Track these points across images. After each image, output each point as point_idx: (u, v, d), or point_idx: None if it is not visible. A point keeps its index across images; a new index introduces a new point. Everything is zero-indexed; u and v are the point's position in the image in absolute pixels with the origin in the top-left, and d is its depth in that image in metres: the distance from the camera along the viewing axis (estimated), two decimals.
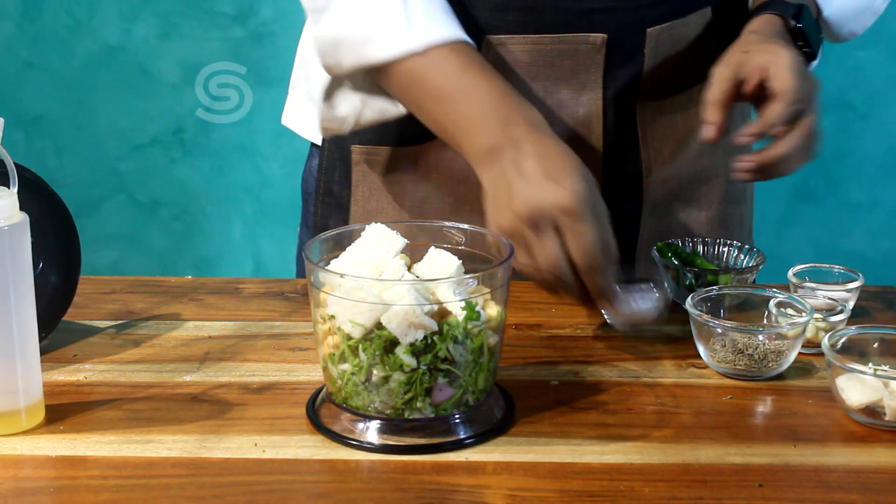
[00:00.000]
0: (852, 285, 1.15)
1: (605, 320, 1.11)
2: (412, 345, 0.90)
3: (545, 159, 1.04)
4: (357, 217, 1.29)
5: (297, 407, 0.98)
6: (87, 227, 1.42)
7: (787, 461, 0.91)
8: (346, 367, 0.93)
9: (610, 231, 1.04)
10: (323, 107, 1.22)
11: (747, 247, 1.22)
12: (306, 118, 1.34)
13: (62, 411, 0.97)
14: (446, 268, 0.95)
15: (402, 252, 0.96)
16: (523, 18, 1.17)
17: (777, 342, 1.04)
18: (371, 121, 1.21)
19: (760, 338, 1.04)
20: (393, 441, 0.92)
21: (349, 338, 0.91)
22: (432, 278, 0.94)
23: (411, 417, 0.93)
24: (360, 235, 0.97)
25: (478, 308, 0.92)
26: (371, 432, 0.93)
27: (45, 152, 2.58)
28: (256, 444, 0.93)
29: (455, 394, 0.93)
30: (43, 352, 1.00)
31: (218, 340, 1.12)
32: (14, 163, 0.93)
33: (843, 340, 1.01)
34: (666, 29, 1.21)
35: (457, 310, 0.91)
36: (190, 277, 1.27)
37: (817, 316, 1.08)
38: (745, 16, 1.22)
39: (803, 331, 1.04)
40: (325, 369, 0.96)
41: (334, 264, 0.96)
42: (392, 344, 0.90)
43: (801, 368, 1.06)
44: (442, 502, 0.85)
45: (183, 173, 2.60)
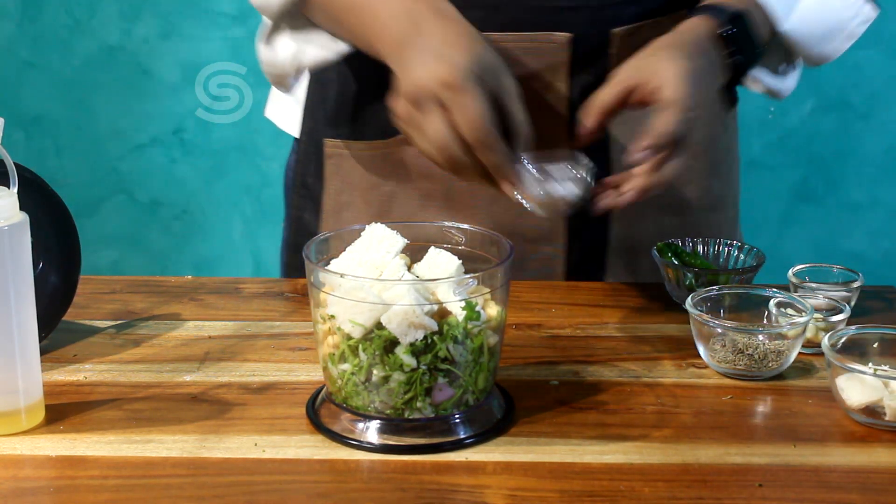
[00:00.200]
0: (852, 285, 1.15)
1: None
2: (412, 345, 0.90)
3: (441, 40, 1.03)
4: (329, 211, 1.30)
5: (297, 407, 0.98)
6: (87, 227, 1.42)
7: (787, 461, 0.91)
8: (346, 367, 0.93)
9: (516, 106, 1.02)
10: (263, 51, 1.25)
11: (747, 247, 1.22)
12: (287, 111, 1.36)
13: (62, 411, 0.97)
14: (446, 268, 0.95)
15: (402, 252, 0.96)
16: (487, 15, 1.16)
17: (777, 342, 1.04)
18: (311, 63, 1.23)
19: (760, 338, 1.04)
20: (393, 441, 0.92)
21: (349, 338, 0.91)
22: (432, 278, 0.94)
23: (411, 417, 0.93)
24: (360, 235, 0.97)
25: (478, 308, 0.92)
26: (371, 432, 0.93)
27: (45, 152, 2.58)
28: (256, 444, 0.93)
29: (455, 394, 0.93)
30: (43, 352, 1.00)
31: (218, 340, 1.12)
32: (14, 163, 0.93)
33: (843, 340, 1.01)
34: (633, 30, 1.19)
35: (457, 310, 0.91)
36: (190, 277, 1.27)
37: (817, 316, 1.08)
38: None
39: (803, 331, 1.04)
40: (325, 369, 0.96)
41: (334, 264, 0.96)
42: (392, 344, 0.90)
43: (801, 368, 1.06)
44: (442, 502, 0.85)
45: (183, 173, 2.60)
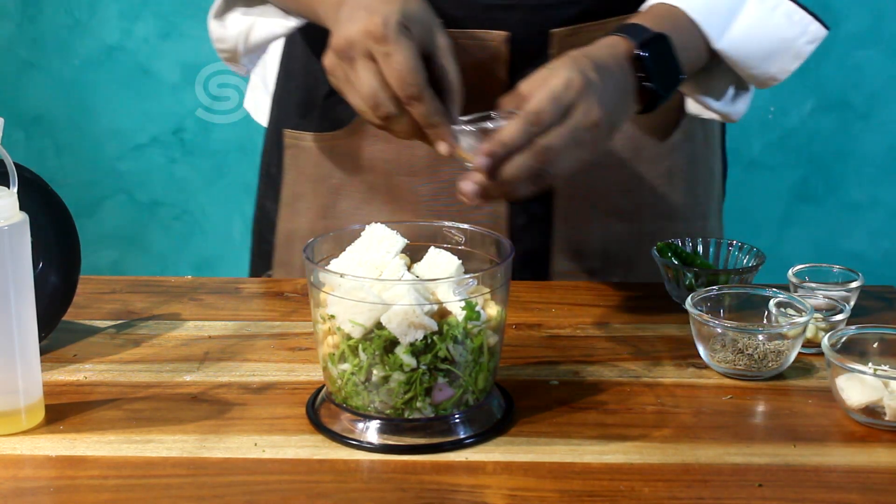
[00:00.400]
0: (852, 285, 1.15)
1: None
2: (412, 345, 0.90)
3: None
4: (286, 200, 1.32)
5: (297, 407, 0.98)
6: (87, 227, 1.42)
7: (787, 461, 0.91)
8: (346, 366, 0.93)
9: (448, 61, 1.01)
10: (215, 27, 1.25)
11: (747, 247, 1.22)
12: (259, 102, 1.38)
13: (62, 411, 0.97)
14: (446, 268, 0.95)
15: (402, 252, 0.96)
16: None
17: (777, 342, 1.04)
18: (261, 39, 1.24)
19: (760, 338, 1.04)
20: (393, 441, 0.92)
21: (349, 338, 0.91)
22: (432, 278, 0.94)
23: (411, 417, 0.93)
24: (360, 235, 0.97)
25: (478, 308, 0.92)
26: (371, 432, 0.93)
27: (45, 152, 2.58)
28: (256, 444, 0.93)
29: (455, 394, 0.93)
30: (43, 352, 1.01)
31: (218, 340, 1.12)
32: (14, 163, 0.93)
33: (843, 340, 1.01)
34: (574, 32, 1.18)
35: (457, 310, 0.91)
36: (190, 277, 1.27)
37: (817, 316, 1.08)
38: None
39: (803, 331, 1.04)
40: (325, 369, 0.96)
41: (334, 264, 0.96)
42: (392, 344, 0.90)
43: (801, 368, 1.06)
44: (442, 502, 0.85)
45: (183, 173, 2.60)
